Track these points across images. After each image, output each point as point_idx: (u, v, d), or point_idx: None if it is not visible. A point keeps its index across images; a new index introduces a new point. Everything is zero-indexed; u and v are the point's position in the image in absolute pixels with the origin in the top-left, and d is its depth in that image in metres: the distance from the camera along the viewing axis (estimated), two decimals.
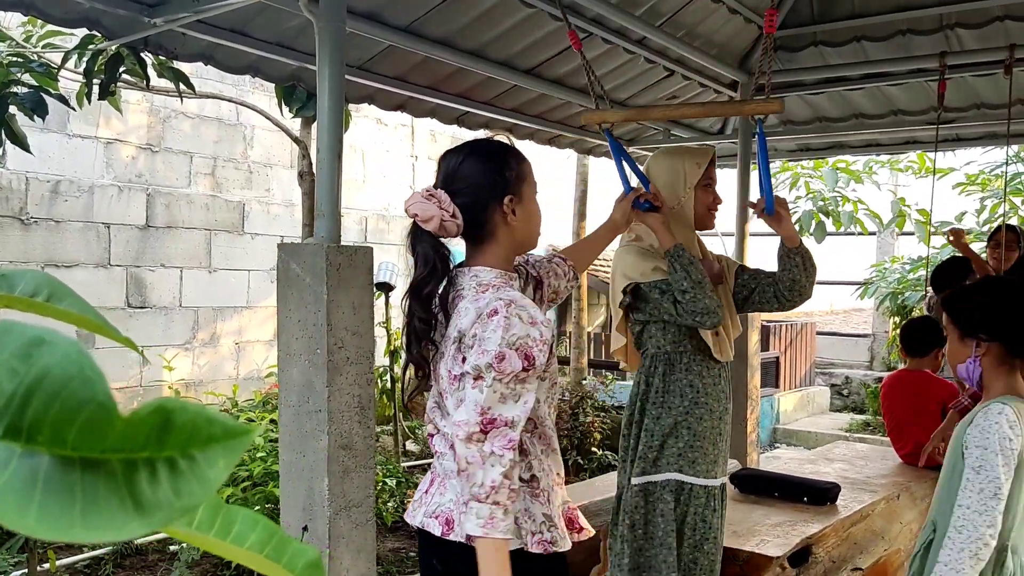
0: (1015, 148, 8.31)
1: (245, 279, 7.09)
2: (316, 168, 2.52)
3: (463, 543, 1.67)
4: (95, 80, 3.55)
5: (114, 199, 6.16)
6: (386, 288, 6.01)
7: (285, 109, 4.41)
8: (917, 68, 4.32)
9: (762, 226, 2.74)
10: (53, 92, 3.47)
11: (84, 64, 3.58)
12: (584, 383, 6.96)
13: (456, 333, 1.71)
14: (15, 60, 3.67)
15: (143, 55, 3.32)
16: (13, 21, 4.76)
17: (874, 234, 10.81)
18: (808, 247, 2.56)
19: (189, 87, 3.76)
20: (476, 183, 1.78)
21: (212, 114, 6.76)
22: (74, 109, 4.04)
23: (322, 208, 2.45)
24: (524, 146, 4.66)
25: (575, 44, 3.02)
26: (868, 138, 5.53)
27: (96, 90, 3.61)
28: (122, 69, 3.51)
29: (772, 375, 8.75)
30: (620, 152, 2.71)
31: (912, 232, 9.63)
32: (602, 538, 2.96)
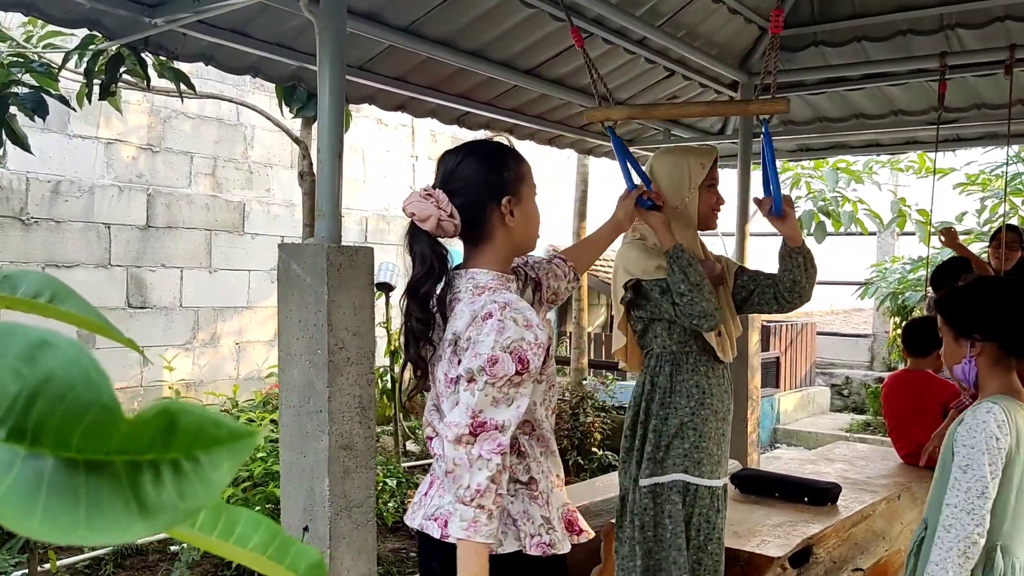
0: (1015, 148, 8.31)
1: (245, 279, 7.09)
2: (316, 168, 2.52)
3: None
4: (96, 80, 3.55)
5: (114, 199, 6.16)
6: (386, 288, 6.01)
7: (285, 109, 4.41)
8: (917, 68, 4.32)
9: (762, 226, 2.74)
10: (54, 92, 3.47)
11: (85, 64, 3.58)
12: (584, 383, 6.96)
13: (452, 336, 1.71)
14: (16, 60, 3.67)
15: (144, 55, 3.32)
16: (14, 21, 4.76)
17: (874, 234, 10.80)
18: (809, 247, 2.56)
19: (190, 87, 3.76)
20: (474, 183, 1.77)
21: (212, 114, 6.76)
22: (74, 109, 4.05)
23: (323, 208, 2.45)
24: (524, 146, 4.67)
25: (578, 42, 2.99)
26: (868, 138, 5.53)
27: (96, 90, 3.61)
28: (123, 69, 3.51)
29: (772, 375, 8.74)
30: (623, 150, 2.71)
31: (912, 232, 9.62)
32: (603, 538, 2.96)
